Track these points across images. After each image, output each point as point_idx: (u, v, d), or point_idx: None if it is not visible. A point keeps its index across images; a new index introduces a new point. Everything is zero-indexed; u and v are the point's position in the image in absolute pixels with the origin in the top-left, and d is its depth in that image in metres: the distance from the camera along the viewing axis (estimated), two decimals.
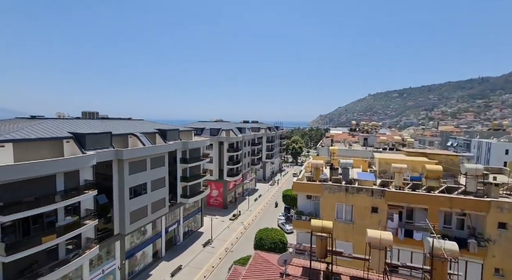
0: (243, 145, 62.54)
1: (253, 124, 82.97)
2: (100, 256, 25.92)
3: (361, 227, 19.97)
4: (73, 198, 21.09)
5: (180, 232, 39.47)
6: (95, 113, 39.55)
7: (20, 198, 18.31)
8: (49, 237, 19.20)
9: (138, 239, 31.22)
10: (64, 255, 21.13)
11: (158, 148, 32.10)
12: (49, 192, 20.01)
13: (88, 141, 24.04)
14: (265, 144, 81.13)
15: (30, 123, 23.97)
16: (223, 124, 61.93)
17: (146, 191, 30.80)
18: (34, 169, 18.56)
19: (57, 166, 20.09)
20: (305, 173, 26.55)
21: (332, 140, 45.13)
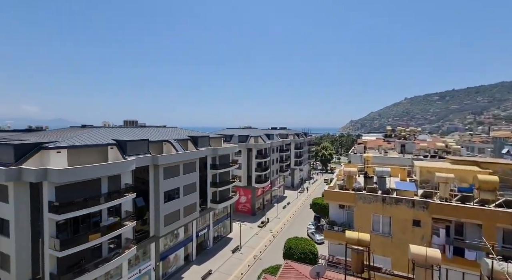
0: (271, 151, 62.38)
1: (281, 131, 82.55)
2: (137, 256, 27.46)
3: (401, 242, 18.42)
4: (116, 200, 22.83)
5: (210, 236, 40.25)
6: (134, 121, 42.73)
7: (72, 199, 20.35)
8: (95, 235, 20.92)
9: (171, 241, 32.53)
10: (106, 254, 22.80)
11: (190, 154, 33.46)
12: (95, 194, 21.94)
13: (129, 148, 26.02)
14: (294, 151, 79.96)
15: (81, 131, 26.76)
16: (252, 131, 62.61)
17: (179, 196, 32.13)
18: (85, 172, 20.57)
19: (103, 170, 22.01)
20: (337, 181, 25.47)
21: (365, 146, 42.84)
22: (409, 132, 51.33)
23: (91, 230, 21.32)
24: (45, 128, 44.72)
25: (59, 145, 20.97)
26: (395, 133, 54.95)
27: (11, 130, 40.95)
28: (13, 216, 19.34)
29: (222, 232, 44.20)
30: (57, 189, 19.77)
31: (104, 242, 22.60)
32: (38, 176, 18.80)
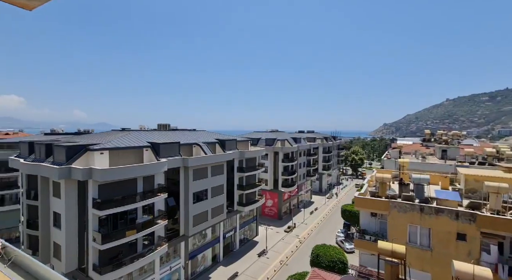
0: (298, 155, 61.40)
1: (308, 134, 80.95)
2: (168, 254, 28.80)
3: (443, 257, 16.81)
4: (150, 199, 24.32)
5: (237, 239, 40.69)
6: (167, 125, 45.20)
7: (112, 197, 22.14)
8: (131, 231, 22.46)
9: (199, 241, 33.56)
10: (141, 249, 24.29)
11: (217, 157, 34.39)
12: (131, 193, 23.60)
13: (162, 150, 27.61)
14: (322, 155, 77.77)
15: (121, 134, 29.08)
16: (278, 134, 62.36)
17: (207, 197, 33.12)
18: (124, 172, 22.30)
19: (140, 170, 23.64)
20: (368, 188, 24.17)
21: (401, 151, 40.09)
22: (452, 136, 46.88)
23: (128, 226, 22.93)
24: (91, 131, 49.47)
25: (102, 146, 23.04)
26: (434, 137, 50.61)
27: (64, 133, 46.04)
28: (64, 210, 21.64)
29: (248, 235, 44.42)
30: (100, 187, 21.68)
31: (139, 238, 24.12)
32: (84, 175, 20.82)
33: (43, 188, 23.52)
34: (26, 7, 0.74)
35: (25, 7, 0.74)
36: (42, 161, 23.56)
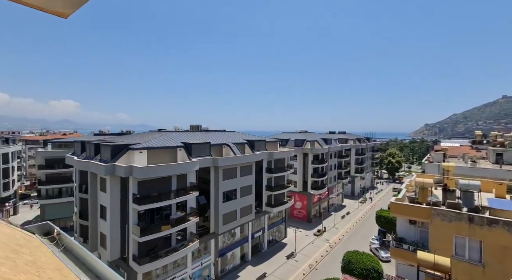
0: (329, 157, 59.40)
1: (340, 135, 77.91)
2: (199, 250, 29.99)
3: (498, 274, 14.89)
4: (183, 197, 25.61)
5: (265, 239, 40.76)
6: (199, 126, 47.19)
7: (149, 193, 23.80)
8: (166, 226, 23.88)
9: (228, 240, 34.35)
10: (175, 244, 25.69)
11: (246, 158, 34.87)
12: (166, 190, 25.10)
13: (194, 150, 28.90)
14: (354, 157, 74.19)
15: (158, 135, 31.13)
16: (308, 135, 61.06)
17: (236, 197, 33.76)
18: (160, 170, 23.86)
19: (174, 169, 25.06)
20: (407, 193, 22.43)
21: (445, 154, 36.46)
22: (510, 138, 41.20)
23: (163, 221, 24.44)
24: (132, 132, 53.87)
25: (141, 146, 24.92)
26: (487, 139, 44.98)
27: (109, 133, 50.82)
28: (108, 203, 23.86)
29: (276, 237, 44.21)
30: (139, 183, 23.46)
31: (173, 233, 25.54)
32: (126, 172, 22.72)
33: (92, 183, 26.22)
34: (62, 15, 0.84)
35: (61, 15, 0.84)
36: (92, 159, 26.30)
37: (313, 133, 70.08)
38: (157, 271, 25.18)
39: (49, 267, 3.21)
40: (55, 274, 3.11)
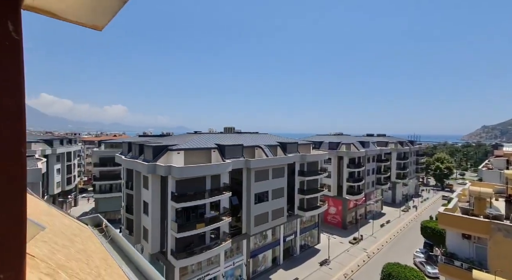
0: (366, 161, 55.96)
1: (379, 138, 72.96)
2: (231, 250, 30.67)
3: None
4: (216, 197, 26.54)
5: (297, 244, 39.97)
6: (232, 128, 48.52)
7: (185, 192, 25.16)
8: (201, 224, 24.97)
9: (260, 242, 34.49)
10: (209, 242, 26.70)
11: (278, 160, 34.71)
12: (201, 190, 26.26)
13: (227, 151, 29.76)
14: (395, 161, 68.70)
15: (194, 136, 32.82)
16: (343, 138, 58.40)
17: (268, 199, 33.79)
18: (196, 170, 25.11)
19: (209, 169, 26.15)
20: (459, 203, 19.98)
21: (509, 161, 31.62)
22: None
23: (198, 219, 25.60)
24: (171, 134, 57.67)
25: (179, 147, 26.53)
26: None
27: (151, 135, 55.18)
28: (150, 200, 25.86)
29: (309, 242, 43.02)
30: (177, 182, 24.97)
31: (207, 231, 26.58)
32: (165, 171, 24.39)
33: (137, 180, 28.72)
34: (96, 28, 0.94)
35: (96, 28, 0.94)
36: (136, 158, 28.83)
37: (348, 135, 66.85)
38: (192, 267, 26.43)
39: (96, 256, 3.61)
40: (101, 262, 3.48)
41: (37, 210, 4.09)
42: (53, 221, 3.89)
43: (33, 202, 4.51)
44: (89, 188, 75.08)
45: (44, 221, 3.55)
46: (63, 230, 3.84)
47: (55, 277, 1.99)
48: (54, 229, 3.51)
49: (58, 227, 3.85)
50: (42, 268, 2.00)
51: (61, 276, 2.11)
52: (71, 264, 2.57)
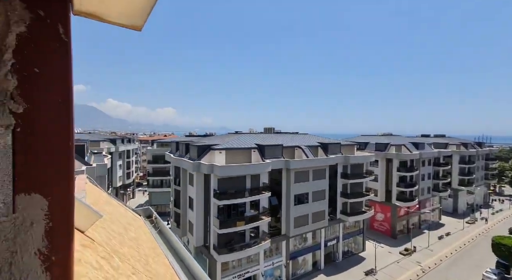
0: (421, 164, 50.14)
1: (436, 139, 64.83)
2: (271, 250, 30.71)
3: None
4: (256, 196, 26.93)
5: (339, 249, 37.98)
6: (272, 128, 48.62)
7: (226, 190, 26.11)
8: (241, 222, 25.64)
9: (300, 244, 33.77)
10: (248, 240, 27.22)
11: (319, 161, 33.48)
12: (241, 188, 26.92)
13: (267, 151, 29.91)
14: (458, 166, 60.02)
15: (235, 136, 33.86)
16: (392, 138, 53.39)
17: (308, 201, 32.86)
18: (237, 169, 25.91)
19: (249, 169, 26.71)
20: None
21: None
22: None
23: (238, 217, 26.32)
24: (214, 134, 60.61)
25: (220, 147, 27.67)
26: None
27: (196, 135, 58.86)
28: (195, 196, 27.55)
29: (353, 248, 40.47)
30: (219, 180, 26.08)
31: (246, 230, 27.14)
32: (208, 169, 25.69)
33: (183, 177, 30.90)
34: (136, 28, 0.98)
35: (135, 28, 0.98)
36: (183, 157, 31.04)
37: (399, 136, 60.89)
38: (233, 263, 27.28)
39: (146, 245, 3.93)
40: (149, 251, 3.78)
41: (100, 199, 4.67)
42: (111, 210, 4.40)
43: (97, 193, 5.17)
44: (144, 183, 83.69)
45: (105, 209, 4.00)
46: (120, 218, 4.29)
47: (109, 261, 2.18)
48: (112, 217, 3.95)
49: (116, 215, 4.32)
50: (99, 251, 2.22)
51: (115, 260, 2.31)
52: (124, 250, 2.82)
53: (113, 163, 54.93)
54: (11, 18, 0.70)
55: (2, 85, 0.69)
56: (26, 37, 0.72)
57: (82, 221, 2.35)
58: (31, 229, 0.74)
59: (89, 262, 1.86)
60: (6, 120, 0.70)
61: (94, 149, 41.10)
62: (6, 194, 0.71)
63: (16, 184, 0.72)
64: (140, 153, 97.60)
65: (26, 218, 0.73)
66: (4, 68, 0.69)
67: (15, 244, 0.71)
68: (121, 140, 60.86)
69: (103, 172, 28.29)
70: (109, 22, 0.93)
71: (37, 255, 0.74)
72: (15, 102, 0.71)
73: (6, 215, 0.71)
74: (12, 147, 0.71)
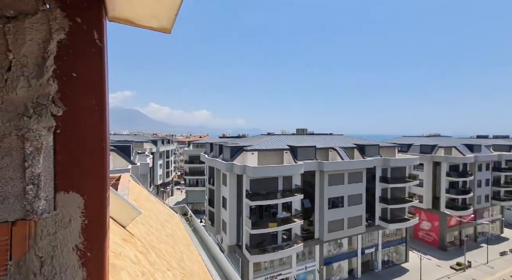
0: (476, 168, 44.28)
1: (496, 141, 56.59)
2: (303, 253, 29.96)
3: None
4: (288, 198, 26.58)
5: (378, 258, 35.42)
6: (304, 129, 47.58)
7: (259, 191, 26.24)
8: (273, 224, 25.52)
9: (334, 250, 32.34)
10: (280, 242, 26.96)
11: (355, 163, 31.71)
12: (273, 190, 26.80)
13: (299, 153, 29.32)
14: None
15: (267, 138, 33.91)
16: (440, 140, 48.14)
17: (343, 205, 31.33)
18: (269, 171, 25.92)
19: (281, 170, 26.53)
20: None
21: None
22: None
23: (270, 219, 26.25)
24: (246, 135, 61.58)
25: (253, 148, 27.94)
26: None
27: (229, 136, 60.47)
28: (228, 195, 28.25)
29: (394, 258, 37.41)
30: (251, 181, 26.35)
31: (279, 231, 26.91)
32: (241, 170, 26.12)
33: (217, 177, 31.92)
34: (165, 31, 0.99)
35: (165, 31, 0.99)
36: (217, 157, 32.08)
37: (448, 137, 54.73)
38: (265, 264, 27.27)
39: (181, 242, 4.10)
40: (184, 248, 3.92)
41: (141, 196, 5.01)
42: (150, 207, 4.69)
43: (139, 190, 5.56)
44: (181, 182, 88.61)
45: (144, 206, 4.27)
46: (158, 215, 4.56)
47: (147, 256, 2.29)
48: (151, 213, 4.20)
49: (154, 212, 4.60)
50: (138, 246, 2.34)
51: (152, 255, 2.42)
52: (160, 246, 2.95)
53: (154, 162, 59.22)
54: (53, 27, 0.76)
55: (45, 89, 0.75)
56: (65, 44, 0.77)
57: (124, 217, 2.53)
58: (69, 225, 0.78)
59: (128, 256, 1.96)
60: (48, 122, 0.75)
61: (138, 149, 44.87)
62: (48, 192, 0.76)
63: (57, 183, 0.77)
64: (178, 153, 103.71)
65: (65, 215, 0.78)
66: (47, 73, 0.75)
67: (56, 239, 0.76)
68: (161, 141, 65.37)
69: (146, 170, 30.70)
70: (140, 26, 0.96)
71: (74, 251, 0.78)
72: (55, 105, 0.76)
73: (48, 212, 0.76)
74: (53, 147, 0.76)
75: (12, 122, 0.71)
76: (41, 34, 0.74)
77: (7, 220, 0.71)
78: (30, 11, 0.73)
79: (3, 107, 0.71)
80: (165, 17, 0.89)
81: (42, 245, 0.74)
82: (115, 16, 0.90)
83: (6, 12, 0.71)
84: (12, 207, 0.72)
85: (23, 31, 0.73)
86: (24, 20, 0.72)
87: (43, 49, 0.75)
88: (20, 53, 0.72)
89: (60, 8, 0.76)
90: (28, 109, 0.73)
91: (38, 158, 0.74)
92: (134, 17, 0.91)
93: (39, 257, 0.73)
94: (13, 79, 0.72)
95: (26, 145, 0.73)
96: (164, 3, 0.82)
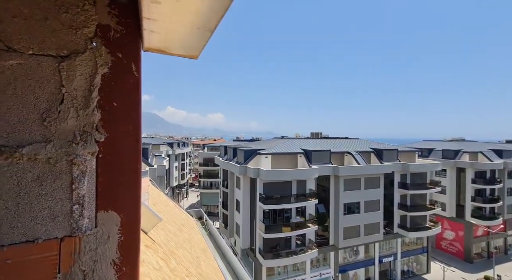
0: (506, 175, 41.48)
1: None
2: (318, 260, 29.37)
3: None
4: (302, 202, 26.26)
5: (397, 268, 33.94)
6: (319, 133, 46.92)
7: (272, 195, 26.12)
8: (287, 228, 25.28)
9: (350, 257, 31.41)
10: (294, 247, 26.61)
11: (372, 168, 30.79)
12: (287, 194, 26.58)
13: (313, 157, 28.92)
14: None
15: (280, 141, 33.79)
16: (464, 145, 45.65)
17: (359, 211, 30.43)
18: (283, 174, 25.80)
19: (295, 174, 26.30)
20: None
21: None
22: None
23: (283, 223, 26.02)
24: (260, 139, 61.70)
25: (266, 151, 27.94)
26: None
27: (243, 140, 60.82)
28: (241, 198, 28.35)
29: (414, 268, 35.68)
30: (265, 185, 26.32)
31: (292, 236, 26.59)
32: (254, 173, 26.17)
33: (231, 180, 32.17)
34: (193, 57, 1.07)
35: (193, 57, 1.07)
36: (231, 160, 32.36)
37: (474, 141, 51.78)
38: (278, 269, 27.00)
39: (198, 247, 4.19)
40: (200, 253, 4.01)
41: (159, 201, 5.18)
42: (168, 211, 4.84)
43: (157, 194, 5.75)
44: (196, 184, 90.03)
45: (163, 210, 4.41)
46: (175, 219, 4.68)
47: (167, 262, 2.37)
48: (169, 218, 4.33)
49: (172, 216, 4.73)
50: (159, 252, 2.44)
51: (172, 262, 2.51)
52: (179, 251, 3.04)
53: (170, 164, 60.74)
54: (98, 62, 0.85)
55: (90, 119, 0.83)
56: (108, 77, 0.86)
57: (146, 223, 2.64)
58: (108, 242, 0.86)
59: (151, 263, 2.05)
60: (92, 148, 0.84)
61: (155, 151, 46.25)
62: (91, 211, 0.84)
63: (98, 203, 0.85)
64: (193, 156, 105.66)
65: (104, 232, 0.85)
66: (92, 104, 0.84)
67: (96, 254, 0.84)
68: (177, 144, 66.98)
69: (162, 172, 31.56)
70: (170, 54, 1.04)
71: (112, 265, 0.85)
72: (98, 132, 0.85)
73: (90, 229, 0.84)
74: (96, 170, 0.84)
75: (63, 149, 0.80)
76: (88, 69, 0.84)
77: (57, 236, 0.80)
78: (80, 50, 0.83)
79: (56, 136, 0.80)
80: (194, 47, 0.96)
81: (85, 260, 0.82)
82: (149, 47, 0.98)
83: (61, 52, 0.80)
84: (61, 224, 0.80)
85: (74, 68, 0.82)
86: (75, 58, 0.82)
87: (89, 82, 0.84)
88: (71, 87, 0.82)
89: (104, 46, 0.85)
90: (76, 137, 0.82)
91: (83, 180, 0.82)
92: (166, 47, 0.99)
93: (83, 271, 0.81)
94: (65, 111, 0.81)
95: (73, 169, 0.81)
96: (195, 36, 0.88)
